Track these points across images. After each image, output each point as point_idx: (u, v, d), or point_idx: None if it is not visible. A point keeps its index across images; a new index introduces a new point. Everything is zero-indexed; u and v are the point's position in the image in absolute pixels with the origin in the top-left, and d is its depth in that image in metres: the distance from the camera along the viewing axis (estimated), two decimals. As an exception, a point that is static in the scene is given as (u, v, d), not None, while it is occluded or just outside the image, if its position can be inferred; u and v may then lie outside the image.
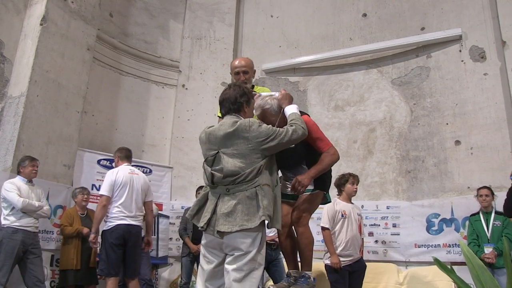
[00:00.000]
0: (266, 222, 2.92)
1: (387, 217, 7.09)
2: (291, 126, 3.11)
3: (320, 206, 4.29)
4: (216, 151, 3.01)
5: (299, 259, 3.74)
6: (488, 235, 5.65)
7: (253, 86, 4.06)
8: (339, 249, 5.11)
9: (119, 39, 8.24)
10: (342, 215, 5.23)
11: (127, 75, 8.35)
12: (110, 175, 5.22)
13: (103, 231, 5.15)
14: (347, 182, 5.42)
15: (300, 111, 3.41)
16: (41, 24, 6.34)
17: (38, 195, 5.50)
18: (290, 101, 3.43)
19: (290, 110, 3.31)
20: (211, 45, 8.98)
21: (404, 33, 7.78)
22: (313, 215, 4.52)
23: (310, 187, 3.52)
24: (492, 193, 5.82)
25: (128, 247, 5.11)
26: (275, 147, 3.01)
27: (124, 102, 8.20)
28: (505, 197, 5.18)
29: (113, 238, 5.03)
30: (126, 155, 5.51)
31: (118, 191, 5.16)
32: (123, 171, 5.28)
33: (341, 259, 5.06)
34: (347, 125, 7.91)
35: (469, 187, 6.65)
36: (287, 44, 8.80)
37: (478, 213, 5.88)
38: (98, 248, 5.54)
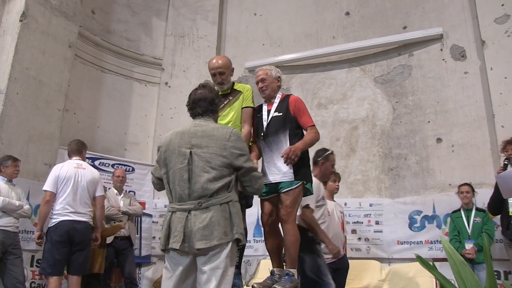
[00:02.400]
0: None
1: (370, 214, 7.11)
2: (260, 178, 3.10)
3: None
4: (189, 151, 2.88)
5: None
6: (469, 231, 5.73)
7: (233, 84, 4.08)
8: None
9: (101, 36, 8.17)
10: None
11: (109, 73, 8.28)
12: (54, 170, 5.13)
13: (48, 228, 5.01)
14: (329, 179, 5.40)
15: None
16: (20, 20, 6.24)
17: (19, 194, 5.41)
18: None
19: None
20: (194, 43, 8.94)
21: (387, 32, 7.79)
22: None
23: (291, 180, 3.60)
24: (473, 190, 5.91)
25: (74, 244, 4.95)
26: (244, 171, 2.95)
27: (106, 100, 8.14)
28: (490, 194, 5.26)
29: (57, 235, 4.89)
30: (75, 149, 5.36)
31: (62, 187, 5.04)
32: (68, 165, 5.18)
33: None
34: (330, 123, 7.90)
35: (450, 184, 6.69)
36: (271, 42, 8.77)
37: (459, 209, 5.96)
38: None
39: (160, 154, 3.02)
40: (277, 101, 3.92)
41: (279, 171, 3.69)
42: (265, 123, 3.85)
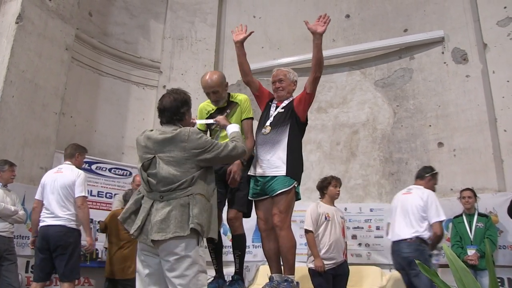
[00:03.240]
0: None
1: (371, 219, 7.07)
2: (232, 142, 3.16)
3: (302, 209, 4.34)
4: (153, 156, 2.98)
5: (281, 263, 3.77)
6: (471, 237, 5.69)
7: (229, 95, 4.06)
8: (322, 252, 5.10)
9: (98, 39, 8.15)
10: (326, 218, 5.22)
11: (107, 76, 8.25)
12: (42, 178, 5.18)
13: None
14: (330, 184, 5.44)
15: None
16: (16, 23, 6.22)
17: (13, 200, 5.37)
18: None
19: (232, 128, 3.42)
20: (192, 45, 8.93)
21: (387, 35, 7.80)
22: (296, 218, 4.68)
23: (283, 176, 3.62)
24: (475, 195, 5.87)
25: (52, 249, 4.85)
26: (210, 160, 3.03)
27: (103, 103, 8.11)
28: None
29: (37, 242, 4.93)
30: (67, 153, 5.33)
31: (44, 193, 5.06)
32: (51, 171, 5.21)
33: (325, 262, 5.05)
34: (330, 127, 7.89)
35: (452, 189, 6.67)
36: (270, 45, 8.75)
37: (461, 215, 5.92)
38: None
39: (137, 149, 3.15)
40: (287, 102, 3.97)
41: (272, 165, 3.71)
42: (271, 118, 3.90)
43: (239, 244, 3.93)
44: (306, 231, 5.18)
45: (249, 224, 6.03)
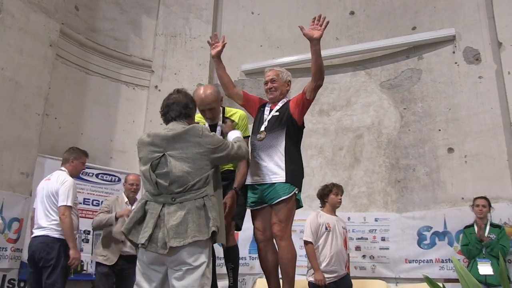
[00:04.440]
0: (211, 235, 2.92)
1: (376, 230, 7.03)
2: (236, 143, 3.24)
3: (302, 218, 4.24)
4: (162, 154, 2.98)
5: (280, 276, 3.75)
6: (484, 250, 5.55)
7: (223, 109, 4.04)
8: (323, 264, 5.06)
9: (85, 35, 8.03)
10: (326, 228, 5.22)
11: (94, 75, 8.13)
12: None
13: None
14: (331, 192, 5.42)
15: None
16: (-6, 16, 6.14)
17: None
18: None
19: (235, 134, 3.52)
20: (186, 43, 8.85)
21: (394, 33, 7.77)
22: (295, 228, 4.59)
23: (282, 183, 3.62)
24: (490, 205, 5.77)
25: (37, 261, 4.74)
26: (222, 158, 3.09)
27: (90, 104, 7.98)
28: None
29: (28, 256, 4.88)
30: (63, 159, 5.24)
31: (35, 203, 5.04)
32: (44, 179, 5.12)
33: (326, 275, 5.00)
34: (333, 131, 7.86)
35: (463, 198, 6.62)
36: (269, 44, 8.75)
37: (472, 225, 5.81)
38: None
39: (139, 151, 3.15)
40: (281, 104, 3.96)
41: (269, 171, 3.71)
42: (265, 123, 3.89)
43: (232, 257, 3.92)
44: (306, 243, 5.16)
45: (246, 234, 6.08)
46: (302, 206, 3.86)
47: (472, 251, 5.59)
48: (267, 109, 4.00)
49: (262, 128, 3.87)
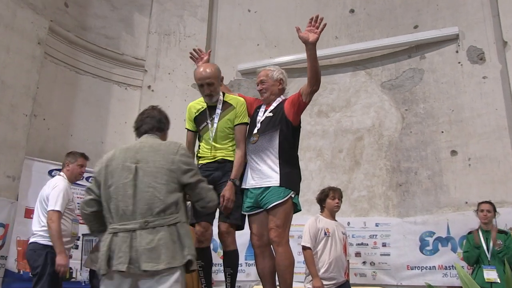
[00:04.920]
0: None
1: (376, 235, 7.00)
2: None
3: (301, 223, 4.17)
4: (134, 165, 2.92)
5: (277, 283, 3.77)
6: (488, 256, 5.50)
7: (223, 95, 4.07)
8: (321, 271, 5.02)
9: (75, 33, 7.96)
10: (325, 233, 5.17)
11: (85, 74, 8.08)
12: None
13: None
14: (327, 197, 5.39)
15: None
16: (-21, 12, 6.11)
17: None
18: None
19: None
20: (181, 42, 8.82)
21: (395, 32, 7.74)
22: (293, 233, 4.53)
23: (277, 186, 3.62)
24: (495, 209, 5.70)
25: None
26: (192, 186, 3.00)
27: (81, 104, 7.92)
28: None
29: None
30: (62, 164, 5.26)
31: None
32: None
33: (324, 282, 4.95)
34: (332, 132, 7.82)
35: (466, 202, 6.60)
36: (266, 42, 8.70)
37: (477, 230, 5.72)
38: None
39: (99, 170, 3.01)
40: (275, 104, 3.95)
41: (263, 175, 3.72)
42: (258, 124, 3.89)
43: (231, 262, 3.88)
44: (304, 248, 5.12)
45: (242, 239, 5.99)
46: (300, 210, 3.84)
47: (470, 258, 5.56)
48: (261, 110, 3.99)
49: (255, 131, 3.87)
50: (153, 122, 3.18)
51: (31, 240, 4.80)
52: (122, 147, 3.08)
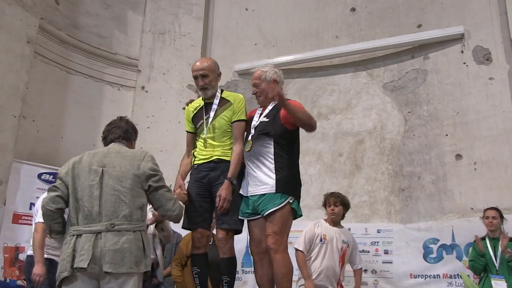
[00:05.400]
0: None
1: (378, 242, 6.93)
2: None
3: (300, 229, 4.14)
4: (101, 169, 3.08)
5: None
6: (497, 265, 5.42)
7: (222, 91, 4.10)
8: (312, 278, 4.98)
9: (66, 32, 7.95)
10: (321, 240, 5.16)
11: (76, 74, 8.09)
12: None
13: None
14: (326, 203, 5.42)
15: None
16: (-35, 10, 6.09)
17: None
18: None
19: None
20: (176, 41, 8.85)
21: (398, 31, 7.69)
22: (292, 240, 4.45)
23: (273, 193, 3.61)
24: (501, 216, 5.63)
25: None
26: (155, 193, 3.17)
27: (72, 105, 7.92)
28: None
29: None
30: None
31: None
32: None
33: None
34: (332, 135, 7.78)
35: (472, 208, 6.54)
36: (264, 42, 8.70)
37: (484, 238, 5.65)
38: None
39: (66, 172, 3.16)
40: (271, 106, 3.93)
41: (259, 182, 3.72)
42: (252, 130, 3.88)
43: (228, 269, 3.87)
44: (296, 250, 5.09)
45: (239, 246, 6.00)
46: (300, 216, 3.85)
47: (476, 267, 5.51)
48: (257, 113, 3.99)
49: (249, 138, 3.87)
50: (119, 132, 3.38)
51: (28, 253, 4.95)
52: (90, 152, 3.26)
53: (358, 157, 7.54)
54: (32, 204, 6.48)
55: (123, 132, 3.39)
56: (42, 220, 4.43)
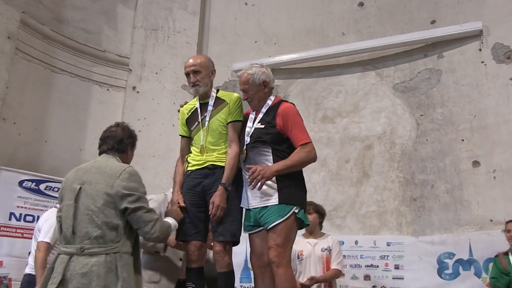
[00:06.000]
0: None
1: (388, 256, 6.87)
2: (164, 222, 3.42)
3: None
4: (79, 186, 3.16)
5: None
6: (517, 283, 5.39)
7: (217, 91, 4.09)
8: None
9: (51, 26, 7.86)
10: (298, 257, 5.32)
11: (61, 73, 8.03)
12: None
13: None
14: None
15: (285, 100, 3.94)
16: None
17: None
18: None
19: (170, 220, 3.62)
20: (169, 38, 8.85)
21: (410, 28, 7.66)
22: None
23: (276, 205, 3.58)
24: (525, 229, 5.57)
25: None
26: (132, 214, 3.15)
27: (57, 106, 7.85)
28: None
29: None
30: None
31: None
32: None
33: None
34: (338, 140, 7.75)
35: (491, 220, 6.45)
36: (265, 39, 8.69)
37: (507, 253, 5.60)
38: None
39: (60, 191, 3.32)
40: (264, 109, 3.89)
41: (260, 193, 3.67)
42: (247, 138, 3.83)
43: (226, 285, 3.83)
44: None
45: (237, 259, 5.93)
46: (308, 224, 3.88)
47: (498, 286, 5.44)
48: (250, 119, 3.94)
49: (244, 147, 3.83)
50: (113, 143, 3.42)
51: (26, 271, 5.15)
52: (79, 167, 3.35)
53: (366, 164, 7.49)
54: (12, 214, 6.61)
55: (116, 142, 3.43)
56: (46, 240, 4.93)
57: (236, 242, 3.86)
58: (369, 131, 7.60)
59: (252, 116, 3.93)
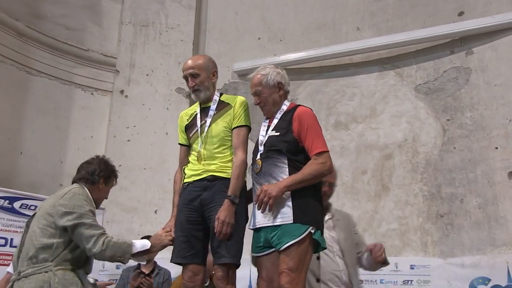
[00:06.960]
0: None
1: (412, 281, 6.73)
2: (118, 241, 3.45)
3: None
4: (33, 214, 3.56)
5: None
6: None
7: (220, 94, 4.05)
8: None
9: (26, 23, 7.82)
10: None
11: (39, 75, 7.99)
12: None
13: None
14: None
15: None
16: None
17: None
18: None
19: (140, 242, 3.69)
20: (162, 35, 8.81)
21: (434, 21, 7.59)
22: None
23: (289, 224, 3.45)
24: None
25: None
26: (72, 231, 3.33)
27: (34, 113, 7.83)
28: None
29: None
30: None
31: None
32: None
33: None
34: (353, 149, 7.73)
35: None
36: (269, 36, 8.69)
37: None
38: None
39: None
40: (279, 115, 3.78)
41: (272, 211, 3.53)
42: (261, 148, 3.71)
43: None
44: None
45: (241, 284, 5.66)
46: (325, 248, 3.73)
47: None
48: (263, 127, 3.86)
49: (258, 157, 3.71)
50: (84, 173, 3.68)
51: None
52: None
53: (385, 176, 7.45)
54: (-16, 237, 6.61)
55: (88, 173, 3.66)
56: (8, 269, 4.82)
57: (238, 265, 3.74)
58: (388, 139, 7.54)
59: (265, 124, 3.85)
